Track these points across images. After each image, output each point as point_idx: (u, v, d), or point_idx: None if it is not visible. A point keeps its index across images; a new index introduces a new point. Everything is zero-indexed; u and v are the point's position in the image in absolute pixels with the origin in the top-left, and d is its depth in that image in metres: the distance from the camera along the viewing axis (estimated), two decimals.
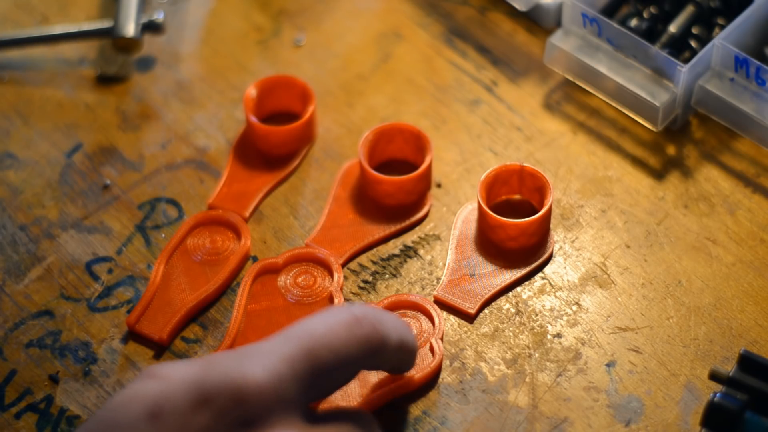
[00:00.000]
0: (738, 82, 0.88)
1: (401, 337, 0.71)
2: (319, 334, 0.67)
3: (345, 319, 0.68)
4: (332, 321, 0.68)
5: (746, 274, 0.84)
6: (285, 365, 0.65)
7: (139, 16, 0.94)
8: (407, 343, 0.72)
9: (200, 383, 0.64)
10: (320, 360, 0.66)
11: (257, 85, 0.90)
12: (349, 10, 0.98)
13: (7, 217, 0.88)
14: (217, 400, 0.64)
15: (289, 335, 0.67)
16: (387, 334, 0.69)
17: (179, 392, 0.64)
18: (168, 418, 0.63)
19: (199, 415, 0.63)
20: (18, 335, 0.82)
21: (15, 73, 0.95)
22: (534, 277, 0.84)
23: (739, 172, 0.89)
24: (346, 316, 0.68)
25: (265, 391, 0.64)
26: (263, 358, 0.65)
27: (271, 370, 0.65)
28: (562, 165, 0.89)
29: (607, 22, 0.89)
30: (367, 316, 0.69)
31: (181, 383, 0.64)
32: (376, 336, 0.69)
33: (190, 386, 0.64)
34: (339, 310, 0.69)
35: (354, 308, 0.69)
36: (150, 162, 0.90)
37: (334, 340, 0.67)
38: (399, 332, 0.71)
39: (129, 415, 0.64)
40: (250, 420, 0.64)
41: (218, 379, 0.64)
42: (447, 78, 0.94)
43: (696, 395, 0.78)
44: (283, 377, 0.65)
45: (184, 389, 0.64)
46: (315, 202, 0.88)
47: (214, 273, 0.84)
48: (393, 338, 0.70)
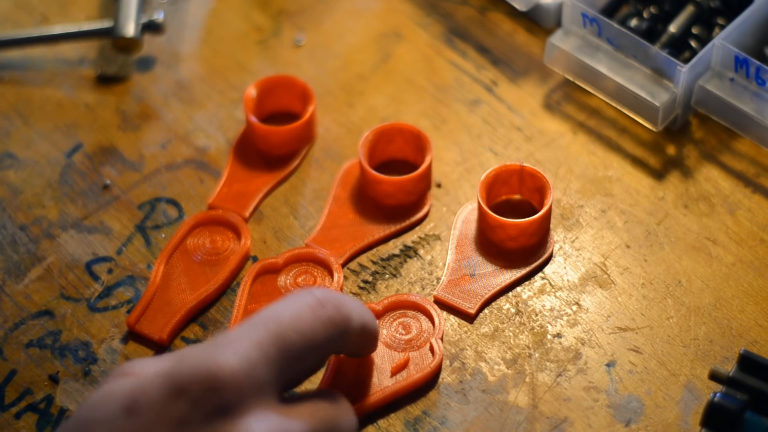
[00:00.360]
0: (738, 82, 0.88)
1: (363, 319, 0.72)
2: (285, 318, 0.68)
3: (308, 303, 0.69)
4: (297, 305, 0.69)
5: (746, 274, 0.84)
6: (255, 350, 0.66)
7: (139, 16, 0.94)
8: (369, 325, 0.73)
9: (173, 374, 0.65)
10: (289, 343, 0.67)
11: (257, 85, 0.90)
12: (349, 10, 0.98)
13: (7, 217, 0.88)
14: (192, 388, 0.64)
15: (256, 322, 0.68)
16: (350, 316, 0.71)
17: (154, 385, 0.64)
18: (144, 411, 0.64)
19: (175, 405, 0.64)
20: (18, 335, 0.82)
21: (15, 73, 0.95)
22: (534, 277, 0.84)
23: (739, 172, 0.89)
24: (310, 299, 0.70)
25: (239, 376, 0.65)
26: (233, 345, 0.66)
27: (243, 356, 0.66)
28: (562, 165, 0.89)
29: (607, 22, 0.89)
30: (329, 299, 0.70)
31: (155, 376, 0.65)
32: (340, 317, 0.70)
33: (163, 378, 0.65)
34: (302, 295, 0.70)
35: (316, 291, 0.70)
36: (150, 162, 0.90)
37: (300, 322, 0.68)
38: (361, 314, 0.72)
39: (106, 412, 0.64)
40: (225, 406, 0.64)
41: (191, 369, 0.65)
42: (447, 78, 0.94)
43: (696, 395, 0.78)
44: (255, 362, 0.66)
45: (158, 381, 0.64)
46: (315, 202, 0.88)
47: (214, 273, 0.84)
48: (356, 319, 0.71)
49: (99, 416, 0.64)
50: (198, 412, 0.64)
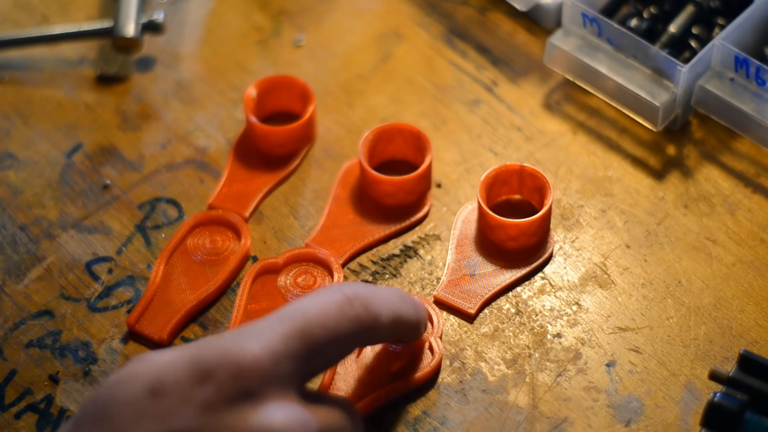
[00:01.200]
0: (738, 82, 0.88)
1: (396, 313, 0.72)
2: (312, 314, 0.68)
3: (336, 299, 0.69)
4: (324, 301, 0.69)
5: (746, 274, 0.84)
6: (280, 342, 0.67)
7: (139, 16, 0.94)
8: (403, 317, 0.73)
9: (200, 358, 0.65)
10: (314, 338, 0.68)
11: (257, 85, 0.90)
12: (349, 10, 0.98)
13: (7, 217, 0.88)
14: (218, 373, 0.65)
15: (283, 315, 0.68)
16: (378, 313, 0.71)
17: (180, 367, 0.65)
18: (169, 393, 0.64)
19: (201, 389, 0.64)
20: (18, 335, 0.82)
21: (15, 73, 0.95)
22: (534, 277, 0.84)
23: (739, 172, 0.89)
24: (338, 296, 0.70)
25: (263, 365, 0.66)
26: (259, 335, 0.67)
27: (267, 347, 0.66)
28: (562, 165, 0.89)
29: (607, 22, 0.89)
30: (358, 296, 0.70)
31: (181, 359, 0.65)
32: (368, 315, 0.70)
33: (189, 361, 0.65)
34: (331, 291, 0.70)
35: (345, 288, 0.70)
36: (150, 162, 0.90)
37: (327, 319, 0.68)
38: (392, 309, 0.72)
39: (129, 392, 0.64)
40: (249, 392, 0.65)
41: (217, 354, 0.65)
42: (447, 78, 0.94)
43: (696, 395, 0.78)
44: (279, 353, 0.66)
45: (184, 364, 0.65)
46: (315, 202, 0.88)
47: (214, 273, 0.84)
48: (385, 316, 0.71)
49: (121, 396, 0.64)
50: (222, 397, 0.64)
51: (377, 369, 0.79)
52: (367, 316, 0.70)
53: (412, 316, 0.74)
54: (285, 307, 0.69)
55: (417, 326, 0.75)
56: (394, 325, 0.72)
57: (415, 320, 0.74)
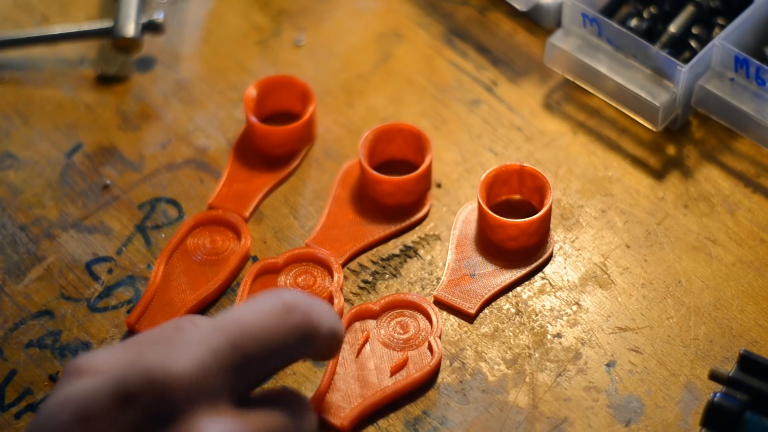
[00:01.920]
0: (738, 82, 0.88)
1: (331, 326, 0.70)
2: (247, 323, 0.66)
3: (276, 308, 0.67)
4: (262, 310, 0.67)
5: (746, 274, 0.84)
6: (210, 356, 0.65)
7: (139, 16, 0.94)
8: (336, 331, 0.70)
9: (123, 381, 0.64)
10: (247, 350, 0.66)
11: (257, 85, 0.90)
12: (349, 10, 0.98)
13: (7, 217, 0.88)
14: (140, 397, 0.64)
15: (218, 326, 0.66)
16: (319, 323, 0.68)
17: (103, 392, 0.64)
18: (97, 420, 0.63)
19: (126, 413, 0.63)
20: (18, 335, 0.82)
21: (15, 73, 0.95)
22: (534, 277, 0.84)
23: (739, 172, 0.89)
24: (277, 304, 0.67)
25: (187, 381, 0.64)
26: (190, 348, 0.65)
27: (196, 362, 0.65)
28: (562, 165, 0.89)
29: (607, 22, 0.89)
30: (298, 305, 0.68)
31: (106, 382, 0.64)
32: (308, 325, 0.68)
33: (112, 384, 0.64)
34: (270, 298, 0.68)
35: (285, 295, 0.68)
36: (150, 162, 0.90)
37: (263, 330, 0.66)
38: (330, 320, 0.70)
39: (59, 422, 0.64)
40: (175, 412, 0.64)
41: (140, 376, 0.64)
42: (447, 78, 0.94)
43: (696, 395, 0.78)
44: (208, 368, 0.65)
45: (107, 389, 0.64)
46: (315, 202, 0.88)
47: (214, 273, 0.84)
48: (324, 327, 0.69)
49: (54, 427, 0.64)
50: (148, 420, 0.64)
51: (377, 369, 0.79)
52: (308, 325, 0.68)
53: (341, 332, 0.71)
54: (221, 315, 0.67)
55: (341, 342, 0.72)
56: (330, 337, 0.70)
57: (342, 336, 0.72)
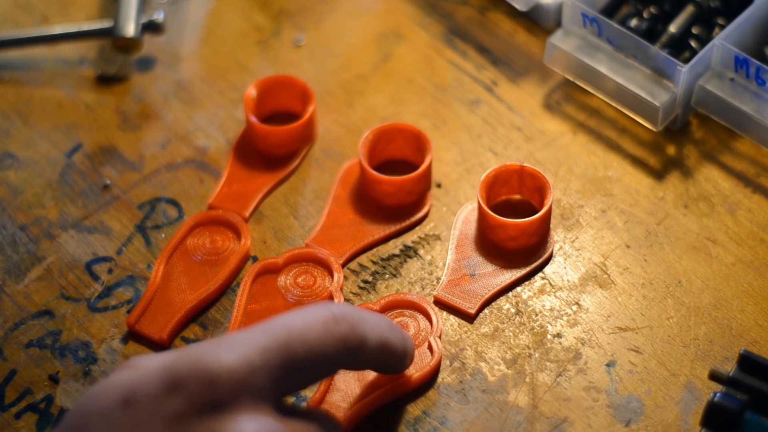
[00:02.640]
0: (738, 82, 0.88)
1: (383, 339, 0.71)
2: (295, 328, 0.67)
3: (322, 317, 0.69)
4: (310, 317, 0.68)
5: (746, 274, 0.84)
6: (258, 355, 0.66)
7: (139, 16, 0.94)
8: (390, 345, 0.72)
9: (172, 368, 0.65)
10: (294, 354, 0.67)
11: (257, 85, 0.90)
12: (349, 10, 0.98)
13: (7, 217, 0.88)
14: (188, 383, 0.64)
15: (266, 328, 0.68)
16: (365, 335, 0.70)
17: (152, 378, 0.65)
18: (141, 404, 0.64)
19: (171, 399, 0.64)
20: (18, 335, 0.82)
21: (15, 73, 0.95)
22: (534, 277, 0.84)
23: (739, 172, 0.89)
24: (324, 313, 0.69)
25: (236, 376, 0.65)
26: (238, 346, 0.66)
27: (243, 358, 0.66)
28: (562, 165, 0.89)
29: (607, 22, 0.89)
30: (345, 316, 0.69)
31: (155, 369, 0.65)
32: (354, 336, 0.69)
33: (162, 371, 0.65)
34: (318, 308, 0.69)
35: (333, 307, 0.70)
36: (150, 162, 0.90)
37: (310, 336, 0.68)
38: (380, 333, 0.71)
39: (103, 404, 0.65)
40: (220, 403, 0.65)
41: (190, 364, 0.65)
42: (447, 78, 0.94)
43: (696, 395, 0.78)
44: (255, 365, 0.66)
45: (156, 375, 0.65)
46: (315, 202, 0.88)
47: (214, 273, 0.84)
48: (372, 340, 0.70)
49: (96, 407, 0.65)
50: (192, 407, 0.64)
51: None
52: (354, 337, 0.69)
53: (399, 345, 0.73)
54: (270, 319, 0.68)
55: (403, 356, 0.73)
56: (380, 350, 0.71)
57: (402, 350, 0.73)
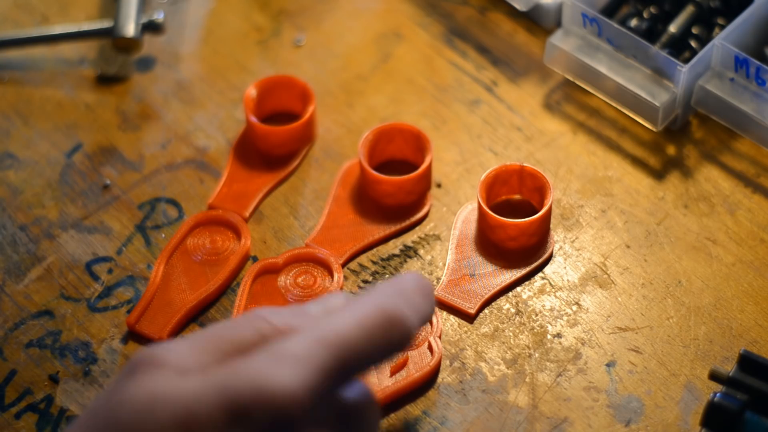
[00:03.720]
0: (738, 82, 0.88)
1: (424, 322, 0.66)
2: (354, 341, 0.62)
3: (379, 322, 0.63)
4: (367, 324, 0.63)
5: (746, 274, 0.84)
6: (321, 377, 0.60)
7: (139, 16, 0.94)
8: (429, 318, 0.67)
9: (232, 389, 0.59)
10: (352, 368, 0.62)
11: (257, 85, 0.90)
12: (349, 10, 0.98)
13: (7, 217, 0.88)
14: (255, 412, 0.58)
15: (322, 338, 0.61)
16: (414, 327, 0.65)
17: (210, 399, 0.59)
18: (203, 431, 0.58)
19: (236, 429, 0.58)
20: (18, 335, 0.82)
21: (15, 73, 0.95)
22: (534, 277, 0.84)
23: (739, 172, 0.89)
24: (380, 317, 0.63)
25: (304, 404, 0.59)
26: (298, 365, 0.60)
27: (309, 383, 0.60)
28: (562, 165, 0.89)
29: (607, 22, 0.89)
30: (399, 316, 0.63)
31: (209, 386, 0.59)
32: (407, 337, 0.64)
33: (221, 392, 0.59)
34: (370, 306, 0.63)
35: (386, 304, 0.64)
36: (150, 162, 0.90)
37: (368, 347, 0.62)
38: (425, 318, 0.66)
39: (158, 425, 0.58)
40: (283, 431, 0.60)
41: (252, 389, 0.59)
42: (447, 78, 0.94)
43: (696, 395, 0.78)
44: (319, 390, 0.60)
45: (215, 396, 0.59)
46: (315, 202, 0.88)
47: (214, 273, 0.84)
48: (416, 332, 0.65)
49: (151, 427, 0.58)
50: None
51: (377, 369, 0.79)
52: (406, 338, 0.64)
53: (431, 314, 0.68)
54: (321, 322, 0.63)
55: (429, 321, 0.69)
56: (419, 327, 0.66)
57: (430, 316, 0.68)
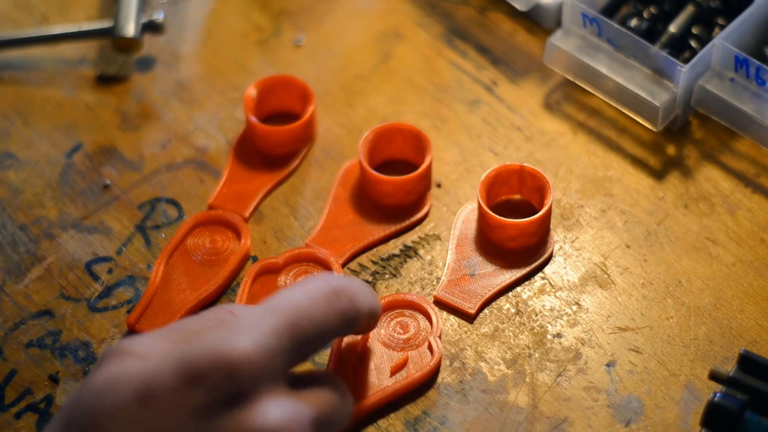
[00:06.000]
0: (738, 82, 0.88)
1: (371, 306, 0.73)
2: (302, 306, 0.68)
3: (324, 292, 0.69)
4: (313, 293, 0.69)
5: (746, 274, 0.84)
6: (272, 338, 0.65)
7: (139, 16, 0.94)
8: (375, 310, 0.73)
9: (188, 359, 0.63)
10: (304, 332, 0.67)
11: (257, 85, 0.90)
12: (349, 10, 0.98)
13: (7, 217, 0.88)
14: (209, 375, 0.63)
15: (272, 307, 0.67)
16: (361, 306, 0.71)
17: (167, 369, 0.62)
18: (160, 399, 0.62)
19: (192, 393, 0.62)
20: (18, 335, 0.82)
21: (15, 73, 0.95)
22: (534, 277, 0.84)
23: (739, 172, 0.89)
24: (325, 289, 0.69)
25: (256, 363, 0.64)
26: (250, 330, 0.65)
27: (260, 343, 0.65)
28: (562, 165, 0.89)
29: (607, 22, 0.89)
30: (344, 289, 0.70)
31: (166, 360, 0.63)
32: (353, 309, 0.70)
33: (177, 362, 0.63)
34: (318, 282, 0.70)
35: (331, 280, 0.70)
36: (150, 162, 0.90)
37: (316, 313, 0.68)
38: (369, 301, 0.72)
39: (117, 400, 0.62)
40: (241, 393, 0.64)
41: (208, 354, 0.63)
42: (447, 78, 0.94)
43: (696, 395, 0.78)
44: (271, 350, 0.65)
45: (171, 366, 0.62)
46: (315, 202, 0.88)
47: (214, 273, 0.84)
48: (365, 309, 0.72)
49: (110, 405, 0.62)
50: (215, 400, 0.63)
51: (377, 369, 0.79)
52: (353, 309, 0.70)
53: (379, 310, 0.74)
54: (273, 297, 0.68)
55: (378, 318, 0.75)
56: (369, 317, 0.72)
57: (380, 313, 0.75)
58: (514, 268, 0.84)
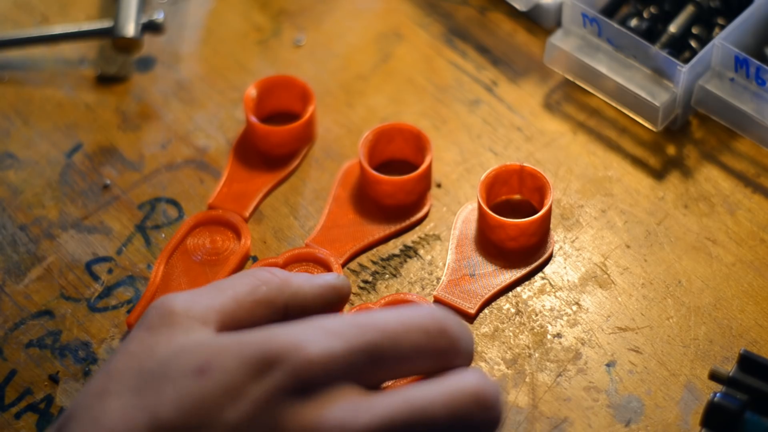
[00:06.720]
0: (738, 82, 0.88)
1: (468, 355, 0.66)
2: (389, 330, 0.63)
3: (425, 325, 0.64)
4: (410, 321, 0.64)
5: (746, 274, 0.84)
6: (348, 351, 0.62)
7: (139, 16, 0.94)
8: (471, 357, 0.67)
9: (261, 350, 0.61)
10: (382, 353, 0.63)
11: (257, 85, 0.90)
12: (349, 10, 0.98)
13: (7, 217, 0.88)
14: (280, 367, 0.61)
15: (359, 322, 0.63)
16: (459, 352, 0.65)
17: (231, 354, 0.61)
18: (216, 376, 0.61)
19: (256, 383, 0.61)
20: (18, 335, 0.82)
21: (15, 73, 0.95)
22: (534, 277, 0.84)
23: (739, 172, 0.89)
24: (429, 322, 0.64)
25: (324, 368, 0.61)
26: (329, 335, 0.62)
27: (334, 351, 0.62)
28: (562, 165, 0.89)
29: (607, 22, 0.89)
30: (448, 330, 0.65)
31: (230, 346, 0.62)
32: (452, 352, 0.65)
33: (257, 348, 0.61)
34: (421, 313, 0.65)
35: (438, 314, 0.65)
36: (150, 162, 0.90)
37: (404, 341, 0.64)
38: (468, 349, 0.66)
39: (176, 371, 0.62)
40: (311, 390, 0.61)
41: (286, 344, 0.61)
42: (447, 78, 0.94)
43: (696, 395, 0.78)
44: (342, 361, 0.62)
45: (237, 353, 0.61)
46: (315, 202, 0.88)
47: (214, 273, 0.84)
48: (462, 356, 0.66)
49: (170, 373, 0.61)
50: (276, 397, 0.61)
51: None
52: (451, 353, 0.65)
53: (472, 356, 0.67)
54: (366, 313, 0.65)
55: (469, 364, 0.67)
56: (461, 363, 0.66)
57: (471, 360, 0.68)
58: (514, 268, 0.84)
